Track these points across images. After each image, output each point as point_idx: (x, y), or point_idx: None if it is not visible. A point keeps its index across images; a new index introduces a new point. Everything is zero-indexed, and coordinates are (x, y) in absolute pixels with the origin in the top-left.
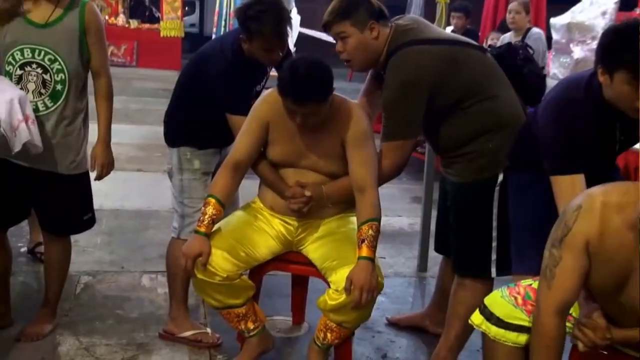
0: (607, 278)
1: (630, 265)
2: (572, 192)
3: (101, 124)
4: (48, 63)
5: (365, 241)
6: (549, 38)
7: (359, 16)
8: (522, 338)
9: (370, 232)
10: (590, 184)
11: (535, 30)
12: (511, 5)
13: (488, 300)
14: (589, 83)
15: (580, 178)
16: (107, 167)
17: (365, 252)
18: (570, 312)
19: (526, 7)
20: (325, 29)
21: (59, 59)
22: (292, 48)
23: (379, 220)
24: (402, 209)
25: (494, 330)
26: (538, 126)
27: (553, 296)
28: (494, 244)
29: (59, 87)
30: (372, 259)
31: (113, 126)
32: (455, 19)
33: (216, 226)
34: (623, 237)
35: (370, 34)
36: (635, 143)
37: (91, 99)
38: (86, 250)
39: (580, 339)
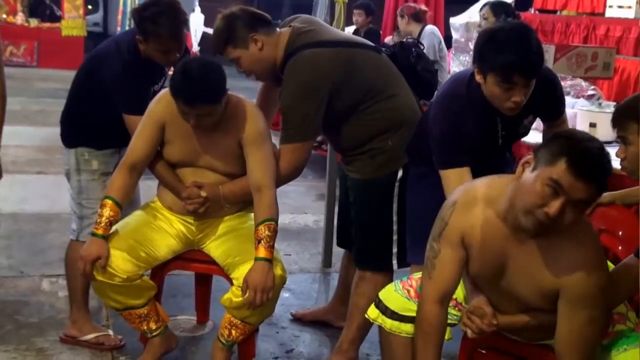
0: (484, 266)
1: (504, 253)
2: (459, 185)
3: None
4: None
5: (262, 241)
6: (448, 37)
7: (238, 36)
8: None
9: (267, 232)
10: (477, 176)
11: (428, 27)
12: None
13: (383, 295)
14: (470, 80)
15: (466, 171)
16: None
17: (261, 252)
18: (460, 301)
19: (399, 12)
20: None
21: None
22: (196, 47)
23: (275, 220)
24: (307, 206)
25: (389, 323)
26: (429, 122)
27: (433, 285)
28: (395, 237)
29: None
30: (268, 260)
31: (12, 128)
32: (356, 16)
33: (115, 227)
34: (495, 227)
35: (255, 47)
36: (518, 138)
37: None
38: None
39: (469, 327)
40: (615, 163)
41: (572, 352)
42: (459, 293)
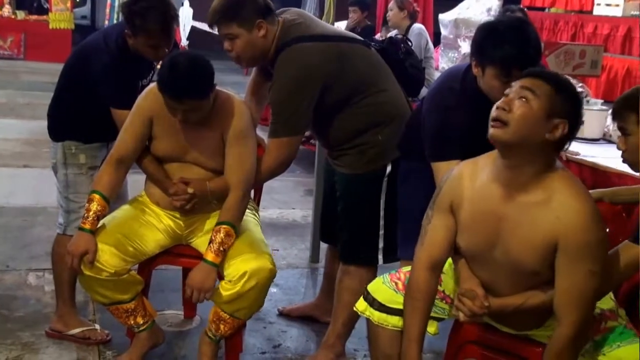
0: (477, 235)
1: (496, 214)
2: None
3: None
4: None
5: (212, 244)
6: (437, 34)
7: (246, 16)
8: None
9: (221, 235)
10: None
11: (416, 26)
12: (390, 4)
13: (371, 287)
14: (465, 74)
15: (457, 164)
16: None
17: (209, 256)
18: (448, 293)
19: (399, 4)
20: (212, 27)
21: None
22: (184, 42)
23: (232, 224)
24: (295, 201)
25: (377, 315)
26: (422, 115)
27: (424, 252)
28: (382, 232)
29: None
30: (213, 264)
31: None
32: (351, 13)
33: (102, 221)
34: (486, 188)
35: (258, 33)
36: None
37: None
38: None
39: (460, 309)
40: (613, 160)
41: (572, 308)
42: (448, 285)
